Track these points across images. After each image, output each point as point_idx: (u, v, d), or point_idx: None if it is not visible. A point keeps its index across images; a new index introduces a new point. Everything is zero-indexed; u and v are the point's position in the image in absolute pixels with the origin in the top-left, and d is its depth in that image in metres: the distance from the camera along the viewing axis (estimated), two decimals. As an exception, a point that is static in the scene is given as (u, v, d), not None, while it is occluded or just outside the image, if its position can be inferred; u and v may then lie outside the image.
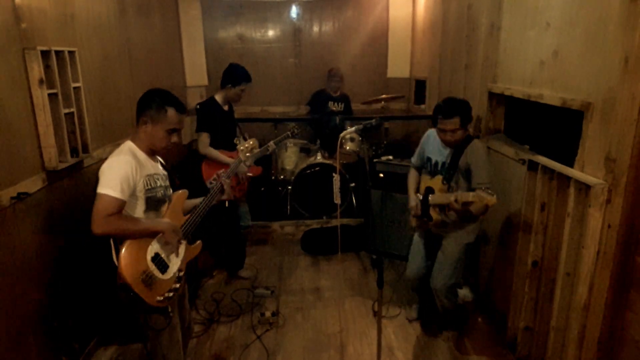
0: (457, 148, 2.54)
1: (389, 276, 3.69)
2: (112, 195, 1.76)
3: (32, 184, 2.22)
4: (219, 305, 3.33)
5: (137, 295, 1.79)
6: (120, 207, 1.79)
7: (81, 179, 2.69)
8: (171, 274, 1.96)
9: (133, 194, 1.87)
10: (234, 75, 3.37)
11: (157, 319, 1.96)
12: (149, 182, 1.94)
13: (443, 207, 2.54)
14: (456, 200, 2.34)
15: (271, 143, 3.65)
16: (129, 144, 1.96)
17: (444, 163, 2.60)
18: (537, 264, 2.50)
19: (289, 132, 3.94)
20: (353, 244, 4.26)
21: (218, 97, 3.42)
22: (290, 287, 3.63)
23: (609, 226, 1.99)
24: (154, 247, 1.89)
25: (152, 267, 1.86)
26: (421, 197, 2.56)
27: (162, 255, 1.93)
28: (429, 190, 2.61)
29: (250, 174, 3.43)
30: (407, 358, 2.79)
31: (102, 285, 2.63)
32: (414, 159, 2.88)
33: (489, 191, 2.26)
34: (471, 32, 3.52)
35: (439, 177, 2.58)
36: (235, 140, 3.59)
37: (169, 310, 1.96)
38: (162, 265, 1.92)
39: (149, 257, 1.86)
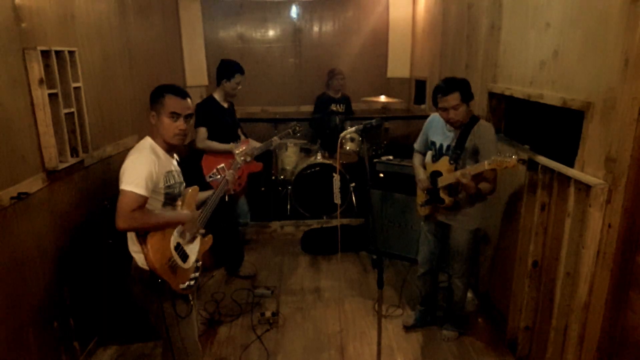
0: (464, 129, 2.51)
1: (389, 276, 3.69)
2: (137, 192, 1.79)
3: (33, 184, 2.22)
4: (219, 305, 3.33)
5: (164, 281, 1.87)
6: (143, 203, 1.84)
7: (81, 178, 2.69)
8: (191, 264, 2.03)
9: (154, 190, 1.91)
10: (227, 69, 3.40)
11: (181, 306, 2.02)
12: (168, 179, 1.98)
13: (453, 188, 2.53)
14: (463, 175, 2.29)
15: (275, 138, 3.69)
16: (149, 141, 1.99)
17: (449, 145, 2.58)
18: (537, 264, 2.50)
19: (290, 130, 3.95)
20: (353, 244, 4.26)
21: (216, 95, 3.45)
22: (290, 287, 3.63)
23: (609, 226, 1.98)
24: (175, 237, 1.97)
25: (175, 256, 1.94)
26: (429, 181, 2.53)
27: (183, 245, 2.01)
28: (436, 174, 2.59)
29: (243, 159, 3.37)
30: (407, 358, 2.78)
31: (103, 284, 2.65)
32: (417, 145, 2.87)
33: (507, 154, 2.22)
34: (471, 32, 3.52)
35: (445, 158, 2.55)
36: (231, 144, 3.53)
37: (190, 298, 2.05)
38: (183, 255, 1.99)
39: (172, 246, 1.93)
